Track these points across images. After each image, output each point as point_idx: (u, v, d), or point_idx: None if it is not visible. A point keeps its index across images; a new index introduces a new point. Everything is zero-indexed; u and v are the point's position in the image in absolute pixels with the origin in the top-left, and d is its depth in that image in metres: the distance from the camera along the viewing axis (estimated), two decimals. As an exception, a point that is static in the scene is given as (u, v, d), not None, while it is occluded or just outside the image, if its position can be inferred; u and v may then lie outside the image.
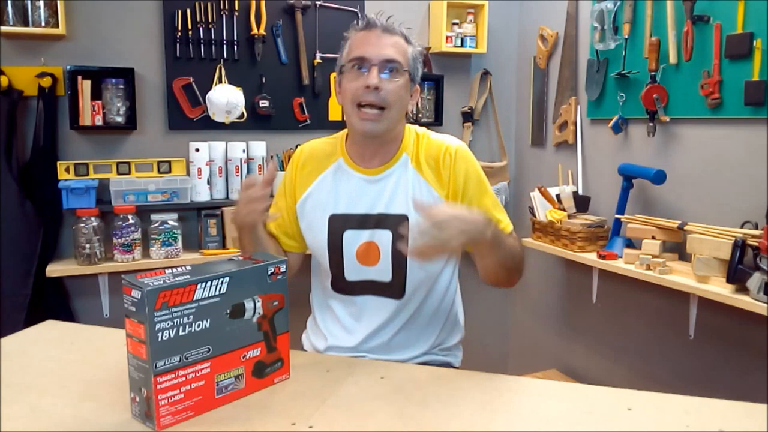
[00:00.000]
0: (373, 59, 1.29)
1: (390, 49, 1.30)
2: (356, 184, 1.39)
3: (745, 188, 2.02)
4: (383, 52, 1.29)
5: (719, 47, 2.02)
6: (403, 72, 1.31)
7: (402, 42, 1.33)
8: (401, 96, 1.32)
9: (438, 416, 1.01)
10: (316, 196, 1.42)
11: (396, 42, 1.32)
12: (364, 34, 1.32)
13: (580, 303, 2.79)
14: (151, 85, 2.55)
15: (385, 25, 1.33)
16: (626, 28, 2.37)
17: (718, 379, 2.17)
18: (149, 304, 0.92)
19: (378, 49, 1.29)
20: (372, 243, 1.36)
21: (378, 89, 1.27)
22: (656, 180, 2.25)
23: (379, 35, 1.31)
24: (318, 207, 1.41)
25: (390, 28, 1.33)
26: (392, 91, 1.29)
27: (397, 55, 1.30)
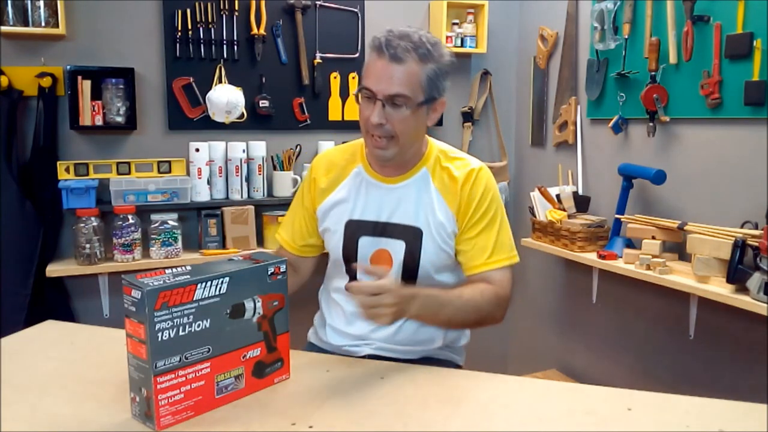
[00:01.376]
0: (377, 93, 1.27)
1: (396, 82, 1.25)
2: (374, 192, 1.41)
3: (745, 188, 2.02)
4: (388, 87, 1.25)
5: (719, 47, 2.02)
6: (412, 103, 1.27)
7: (413, 67, 1.26)
8: (409, 126, 1.30)
9: (438, 416, 1.01)
10: (336, 201, 1.44)
11: (405, 71, 1.25)
12: (375, 61, 1.28)
13: (580, 303, 2.79)
14: (151, 85, 2.55)
15: (393, 52, 1.24)
16: (626, 28, 2.37)
17: (718, 379, 2.17)
18: (149, 304, 0.92)
19: (383, 82, 1.26)
20: (385, 250, 1.39)
21: (382, 125, 1.27)
22: (656, 180, 2.25)
23: (386, 65, 1.25)
24: (337, 212, 1.44)
25: (399, 55, 1.24)
26: (398, 123, 1.28)
27: (403, 87, 1.26)
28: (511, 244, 1.40)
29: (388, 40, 1.25)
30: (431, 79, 1.28)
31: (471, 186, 1.36)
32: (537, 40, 2.96)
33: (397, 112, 1.27)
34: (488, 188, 1.38)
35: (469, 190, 1.36)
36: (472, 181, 1.36)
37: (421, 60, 1.26)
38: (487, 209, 1.37)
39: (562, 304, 2.92)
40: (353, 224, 1.41)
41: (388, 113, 1.27)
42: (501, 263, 1.37)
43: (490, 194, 1.38)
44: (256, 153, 2.65)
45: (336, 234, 1.43)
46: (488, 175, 1.40)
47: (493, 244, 1.36)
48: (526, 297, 3.16)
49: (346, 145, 1.53)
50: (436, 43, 1.30)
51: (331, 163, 1.48)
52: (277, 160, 2.70)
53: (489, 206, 1.37)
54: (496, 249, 1.36)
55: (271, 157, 2.70)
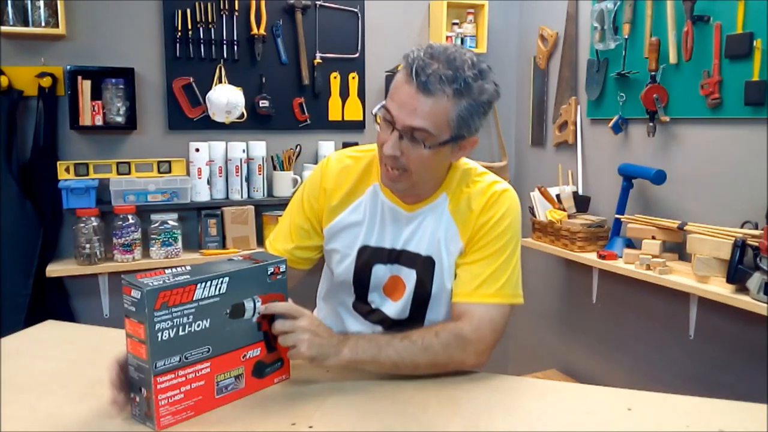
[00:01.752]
0: (396, 122, 1.10)
1: (420, 115, 1.07)
2: (391, 217, 1.26)
3: (745, 188, 2.02)
4: (409, 118, 1.08)
5: (719, 47, 2.02)
6: (434, 140, 1.10)
7: (444, 102, 1.07)
8: (426, 164, 1.14)
9: (438, 416, 1.01)
10: (349, 221, 1.28)
11: (433, 105, 1.07)
12: (401, 84, 1.10)
13: (580, 303, 2.79)
14: (151, 85, 2.55)
15: (424, 81, 1.06)
16: (626, 28, 2.37)
17: (718, 379, 2.17)
18: (149, 304, 0.91)
19: (405, 112, 1.08)
20: (399, 278, 1.27)
21: (396, 157, 1.13)
22: (656, 180, 2.25)
23: (412, 94, 1.07)
24: (349, 235, 1.28)
25: (429, 87, 1.06)
26: (414, 159, 1.12)
27: (427, 122, 1.08)
28: (514, 283, 1.22)
29: (421, 65, 1.06)
30: (462, 118, 1.10)
31: (488, 210, 1.21)
32: (537, 40, 2.96)
33: (414, 147, 1.11)
34: (506, 214, 1.22)
35: (485, 214, 1.21)
36: (490, 205, 1.21)
37: (455, 95, 1.07)
38: (498, 236, 1.20)
39: (562, 304, 2.92)
40: (368, 251, 1.27)
41: (405, 146, 1.11)
42: (489, 299, 1.19)
43: (506, 222, 1.21)
44: (256, 153, 2.65)
45: (347, 258, 1.29)
46: (510, 200, 1.24)
47: (489, 275, 1.19)
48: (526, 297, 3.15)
49: (361, 153, 1.32)
50: (480, 73, 1.09)
51: (344, 175, 1.29)
52: (277, 160, 2.70)
53: (501, 234, 1.21)
54: (489, 281, 1.19)
55: (271, 157, 2.70)
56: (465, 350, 1.15)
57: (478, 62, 1.11)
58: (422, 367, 1.14)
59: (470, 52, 1.12)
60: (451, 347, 1.14)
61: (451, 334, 1.15)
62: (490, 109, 1.14)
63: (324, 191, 1.29)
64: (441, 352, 1.13)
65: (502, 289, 1.20)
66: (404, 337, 1.13)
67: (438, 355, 1.13)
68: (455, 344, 1.14)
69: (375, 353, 1.11)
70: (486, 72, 1.11)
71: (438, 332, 1.15)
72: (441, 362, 1.14)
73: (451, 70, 1.07)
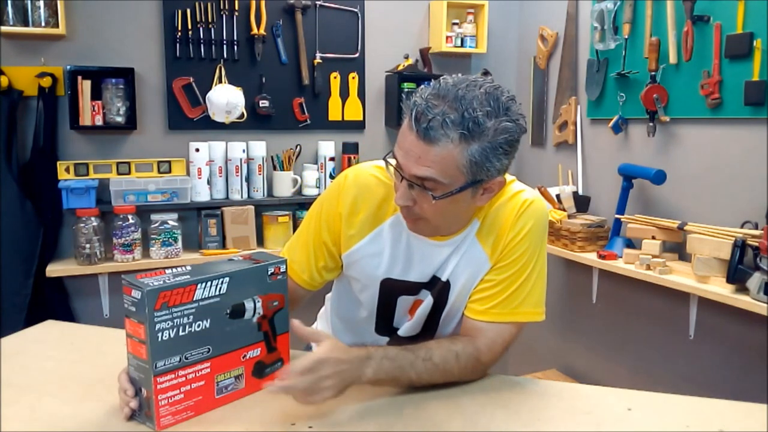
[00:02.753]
0: (404, 171, 1.02)
1: (425, 164, 0.98)
2: (417, 248, 1.16)
3: (745, 188, 2.02)
4: (415, 169, 0.99)
5: (719, 47, 2.02)
6: (445, 189, 1.00)
7: (450, 149, 0.97)
8: (443, 212, 1.05)
9: (438, 415, 1.01)
10: (369, 251, 1.18)
11: (438, 154, 0.97)
12: (405, 130, 1.01)
13: (580, 303, 2.79)
14: (151, 85, 2.55)
15: (425, 128, 0.96)
16: (626, 28, 2.37)
17: (718, 379, 2.17)
18: (149, 304, 0.91)
19: (411, 162, 0.99)
20: (420, 300, 1.20)
21: (408, 208, 1.06)
22: (656, 180, 2.25)
23: (415, 143, 0.98)
24: (369, 264, 1.19)
25: (431, 134, 0.96)
26: (427, 208, 1.04)
27: (433, 171, 0.98)
28: (535, 299, 1.14)
29: (421, 110, 0.96)
30: (476, 163, 0.98)
31: (515, 222, 1.12)
32: (537, 40, 2.96)
33: (425, 196, 1.02)
34: (533, 228, 1.12)
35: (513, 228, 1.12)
36: (518, 217, 1.12)
37: (463, 140, 0.96)
38: (523, 252, 1.12)
39: (562, 304, 2.92)
40: (392, 283, 1.18)
41: (417, 195, 1.03)
42: (505, 318, 1.13)
43: (533, 236, 1.12)
44: (256, 153, 2.65)
45: (369, 289, 1.21)
46: (539, 211, 1.14)
47: (509, 294, 1.12)
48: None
49: (382, 173, 1.18)
50: (497, 108, 0.98)
51: (363, 201, 1.17)
52: (277, 160, 2.70)
53: (527, 249, 1.12)
54: (507, 301, 1.12)
55: (271, 157, 2.70)
56: (476, 371, 1.14)
57: (496, 95, 0.98)
58: (436, 383, 1.11)
59: (489, 84, 0.99)
60: (468, 369, 1.11)
61: (471, 358, 1.11)
62: (512, 148, 1.02)
63: (339, 217, 1.18)
64: (457, 374, 1.11)
65: (519, 307, 1.13)
66: (426, 359, 1.07)
67: (453, 376, 1.11)
68: (472, 367, 1.12)
69: (397, 375, 1.06)
70: (505, 106, 0.99)
71: (459, 355, 1.09)
72: (452, 380, 1.12)
73: (457, 111, 0.96)
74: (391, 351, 1.06)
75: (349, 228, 1.18)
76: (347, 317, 1.34)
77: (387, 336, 1.27)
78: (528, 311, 1.14)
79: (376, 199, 1.17)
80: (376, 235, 1.18)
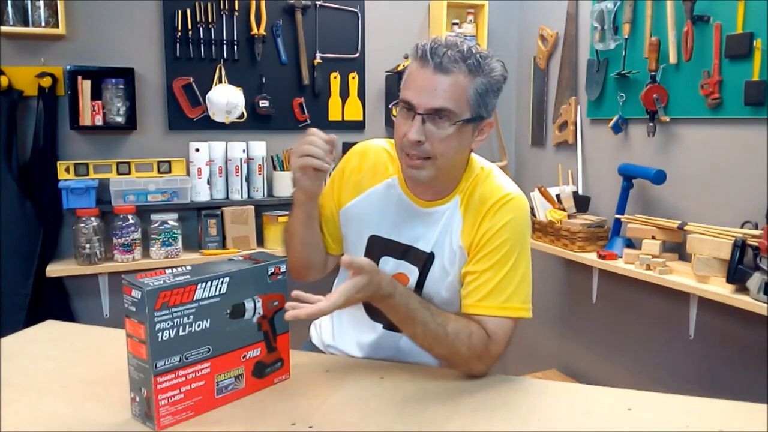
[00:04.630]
0: (417, 107, 1.12)
1: (440, 95, 1.10)
2: (405, 212, 1.26)
3: (745, 188, 2.02)
4: (431, 100, 1.10)
5: (719, 47, 2.02)
6: (457, 119, 1.12)
7: (461, 79, 1.11)
8: (451, 145, 1.14)
9: (438, 416, 1.01)
10: (361, 208, 1.30)
11: (452, 83, 1.11)
12: (417, 70, 1.13)
13: (580, 303, 2.79)
14: (151, 85, 2.56)
15: (439, 61, 1.10)
16: (626, 28, 2.37)
17: (718, 379, 2.17)
18: (149, 304, 0.91)
19: (426, 95, 1.11)
20: (404, 275, 1.27)
21: (420, 143, 1.13)
22: (656, 180, 2.25)
23: (429, 76, 1.11)
24: (360, 221, 1.30)
25: (445, 66, 1.10)
26: (438, 142, 1.13)
27: (447, 101, 1.10)
28: (523, 296, 1.18)
29: (433, 47, 1.11)
30: (480, 95, 1.13)
31: (493, 215, 1.19)
32: (537, 40, 2.96)
33: (439, 129, 1.12)
34: (510, 223, 1.18)
35: (489, 220, 1.19)
36: (495, 210, 1.19)
37: (470, 72, 1.12)
38: (500, 245, 1.17)
39: (562, 304, 2.92)
40: (378, 241, 1.27)
41: (429, 130, 1.12)
42: (497, 312, 1.16)
43: (509, 230, 1.18)
44: (256, 153, 2.65)
45: (357, 247, 1.30)
46: (519, 207, 1.20)
47: (494, 286, 1.16)
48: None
49: (390, 144, 1.34)
50: (486, 55, 1.15)
51: (362, 163, 1.32)
52: (277, 160, 2.70)
53: (503, 243, 1.17)
54: (494, 293, 1.16)
55: (271, 157, 2.70)
56: (481, 361, 1.15)
57: (481, 49, 1.17)
58: (436, 353, 1.16)
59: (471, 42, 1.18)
60: (476, 353, 1.14)
61: (482, 342, 1.14)
62: (501, 88, 1.17)
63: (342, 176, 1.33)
64: (465, 354, 1.13)
65: (508, 301, 1.16)
66: (440, 324, 1.12)
67: (459, 355, 1.13)
68: (479, 352, 1.14)
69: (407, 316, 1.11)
70: (490, 56, 1.16)
71: (472, 334, 1.13)
72: (455, 361, 1.16)
73: (460, 52, 1.11)
74: (414, 296, 1.14)
75: (347, 185, 1.32)
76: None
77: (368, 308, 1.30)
78: (517, 306, 1.18)
79: (375, 162, 1.31)
80: (370, 195, 1.29)
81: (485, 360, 1.15)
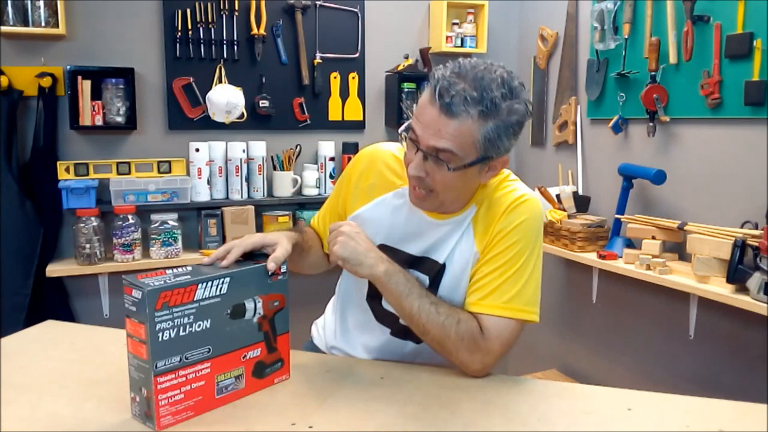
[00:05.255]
0: (420, 142, 1.08)
1: (444, 136, 1.05)
2: (417, 223, 1.22)
3: (745, 188, 2.02)
4: (433, 140, 1.06)
5: (719, 47, 2.02)
6: (459, 161, 1.07)
7: (468, 124, 1.04)
8: (453, 184, 1.11)
9: (438, 416, 1.01)
10: (371, 216, 1.27)
11: (457, 127, 1.04)
12: (426, 105, 1.07)
13: (580, 303, 2.79)
14: (151, 85, 2.55)
15: (448, 102, 1.03)
16: (626, 28, 2.37)
17: (718, 379, 2.17)
18: (150, 305, 0.91)
19: (429, 133, 1.06)
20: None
21: (421, 178, 1.11)
22: (656, 180, 2.25)
23: (436, 116, 1.05)
24: (370, 228, 1.25)
25: (453, 109, 1.03)
26: (439, 180, 1.10)
27: (451, 144, 1.05)
28: (527, 298, 1.15)
29: (445, 86, 1.03)
30: (489, 140, 1.06)
31: (506, 217, 1.16)
32: (537, 40, 2.96)
33: (440, 168, 1.08)
34: (523, 224, 1.15)
35: (502, 222, 1.16)
36: (509, 212, 1.16)
37: (481, 117, 1.04)
38: (511, 246, 1.15)
39: (562, 304, 2.92)
40: (387, 250, 1.23)
41: (430, 167, 1.09)
42: (497, 311, 1.14)
43: (521, 232, 1.15)
44: (256, 153, 2.65)
45: None
46: (531, 209, 1.17)
47: (497, 285, 1.14)
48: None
49: (399, 151, 1.30)
50: (510, 91, 1.05)
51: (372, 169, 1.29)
52: (277, 160, 2.70)
53: (514, 244, 1.15)
54: (497, 292, 1.14)
55: (271, 157, 2.70)
56: (473, 354, 1.13)
57: (509, 80, 1.06)
58: (429, 337, 1.15)
59: (502, 69, 1.07)
60: (464, 343, 1.13)
61: (469, 332, 1.13)
62: (520, 129, 1.10)
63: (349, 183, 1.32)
64: (453, 339, 1.12)
65: (511, 302, 1.14)
66: (433, 303, 1.13)
67: (449, 339, 1.12)
68: (468, 343, 1.13)
69: (404, 293, 1.13)
70: (517, 90, 1.07)
71: (460, 321, 1.13)
72: (447, 348, 1.14)
73: (477, 90, 1.03)
74: (410, 276, 1.16)
75: (356, 191, 1.29)
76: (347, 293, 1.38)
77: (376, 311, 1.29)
78: (519, 308, 1.15)
79: (384, 169, 1.28)
80: (379, 203, 1.26)
81: (476, 355, 1.13)
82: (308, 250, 1.31)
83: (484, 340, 1.13)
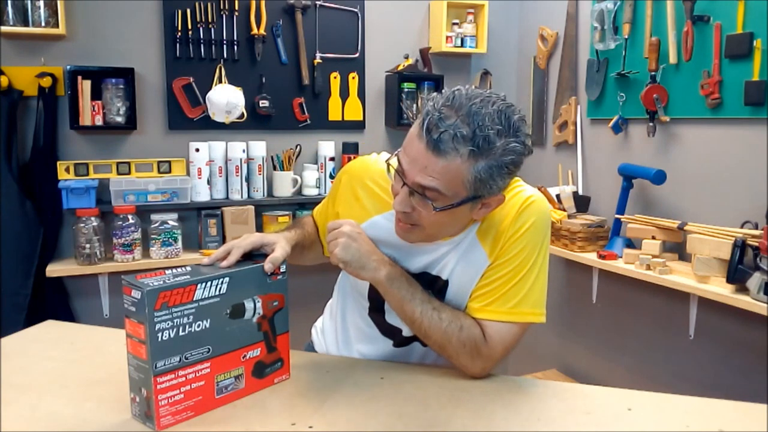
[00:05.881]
0: (407, 177, 1.02)
1: (430, 174, 0.98)
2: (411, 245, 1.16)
3: (745, 188, 2.02)
4: (419, 177, 0.99)
5: (719, 47, 2.02)
6: (445, 201, 1.01)
7: (457, 163, 0.97)
8: (441, 221, 1.05)
9: (438, 416, 1.01)
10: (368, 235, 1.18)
11: (444, 166, 0.97)
12: (414, 138, 1.00)
13: (580, 303, 2.79)
14: (151, 85, 2.55)
15: (436, 139, 0.96)
16: (626, 28, 2.37)
17: (718, 379, 2.17)
18: (149, 305, 0.91)
19: (416, 169, 0.99)
20: None
21: (406, 214, 1.06)
22: (656, 180, 2.25)
23: (423, 152, 0.98)
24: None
25: (441, 147, 0.96)
26: (425, 217, 1.04)
27: (438, 183, 0.98)
28: (534, 300, 1.12)
29: (434, 120, 0.96)
30: (480, 180, 0.99)
31: (517, 218, 1.11)
32: (537, 40, 2.96)
33: (425, 206, 1.02)
34: (534, 224, 1.12)
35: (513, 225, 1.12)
36: (519, 213, 1.12)
37: (472, 156, 0.96)
38: (521, 250, 1.11)
39: (562, 304, 2.92)
40: None
41: (416, 202, 1.03)
42: (501, 317, 1.11)
43: (531, 234, 1.11)
44: (256, 153, 2.65)
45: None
46: (540, 210, 1.13)
47: (504, 292, 1.11)
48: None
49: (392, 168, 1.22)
50: (507, 128, 0.98)
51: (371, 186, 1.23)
52: (277, 160, 2.70)
53: (525, 247, 1.11)
54: (503, 298, 1.11)
55: (271, 157, 2.70)
56: (473, 360, 1.12)
57: (507, 113, 0.98)
58: (431, 342, 1.13)
59: (501, 102, 0.99)
60: (465, 349, 1.11)
61: (471, 339, 1.11)
62: (516, 169, 1.03)
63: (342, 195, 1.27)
64: (454, 345, 1.11)
65: (517, 306, 1.11)
66: (436, 309, 1.11)
67: (450, 345, 1.11)
68: (469, 349, 1.11)
69: (406, 298, 1.10)
70: (515, 126, 0.99)
71: (463, 328, 1.10)
72: (448, 351, 1.12)
73: (469, 126, 0.95)
74: (413, 280, 1.13)
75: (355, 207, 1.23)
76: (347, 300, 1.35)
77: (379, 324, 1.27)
78: (526, 311, 1.12)
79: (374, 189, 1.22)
80: (377, 222, 1.20)
81: (477, 361, 1.12)
82: (309, 247, 1.31)
83: (486, 347, 1.12)
